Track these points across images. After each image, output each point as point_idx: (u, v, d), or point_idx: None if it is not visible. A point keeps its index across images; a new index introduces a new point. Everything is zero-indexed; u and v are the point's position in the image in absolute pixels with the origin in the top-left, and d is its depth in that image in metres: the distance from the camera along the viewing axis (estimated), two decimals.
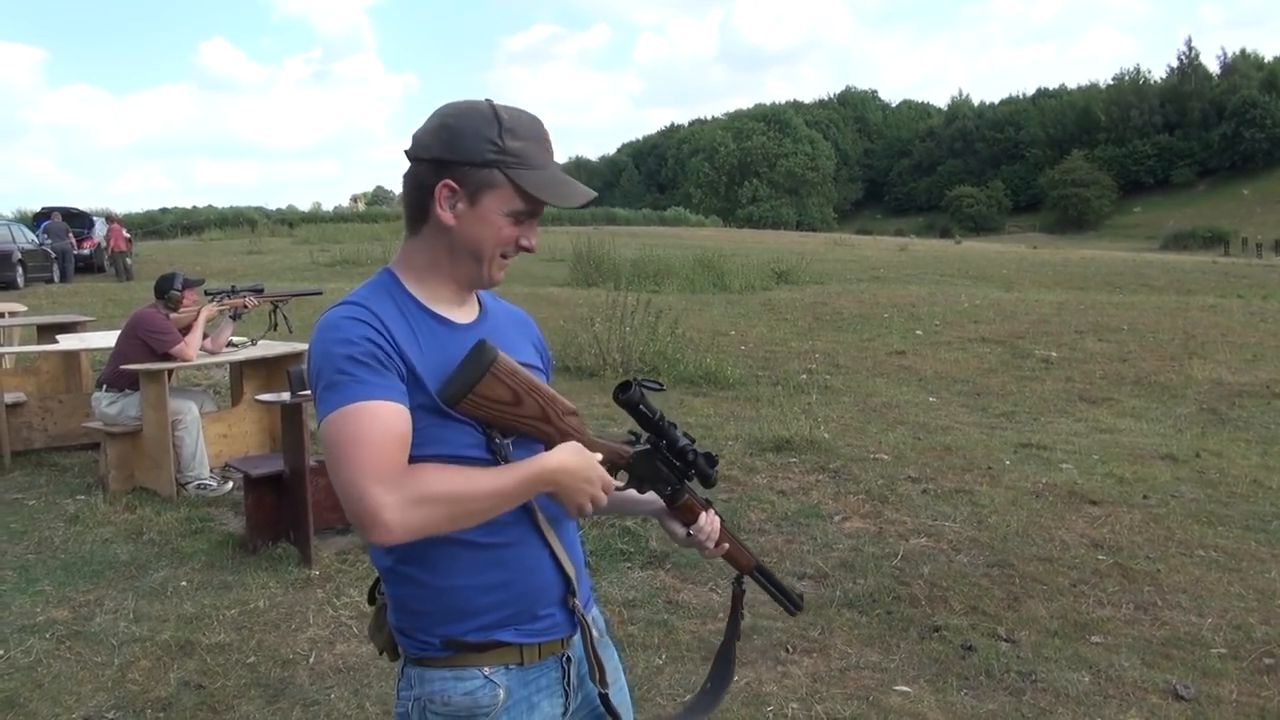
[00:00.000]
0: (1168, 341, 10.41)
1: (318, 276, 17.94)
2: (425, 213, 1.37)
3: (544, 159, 1.38)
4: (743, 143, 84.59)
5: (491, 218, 1.35)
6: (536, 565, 1.40)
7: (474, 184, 1.34)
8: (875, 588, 3.91)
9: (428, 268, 1.39)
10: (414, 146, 1.37)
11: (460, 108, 1.37)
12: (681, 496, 1.54)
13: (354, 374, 1.26)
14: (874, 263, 23.26)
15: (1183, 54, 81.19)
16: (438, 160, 1.34)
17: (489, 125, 1.34)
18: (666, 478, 1.53)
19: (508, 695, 1.38)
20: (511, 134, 1.34)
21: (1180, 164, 73.65)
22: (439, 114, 1.38)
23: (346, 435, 1.23)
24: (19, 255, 18.88)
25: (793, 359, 9.61)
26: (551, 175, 1.38)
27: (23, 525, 4.83)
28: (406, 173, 1.39)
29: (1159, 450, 6.10)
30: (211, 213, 48.86)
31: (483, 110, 1.36)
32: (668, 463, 1.52)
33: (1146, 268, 23.63)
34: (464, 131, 1.34)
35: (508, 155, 1.34)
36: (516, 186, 1.35)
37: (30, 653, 3.43)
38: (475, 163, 1.33)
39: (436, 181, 1.34)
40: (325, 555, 4.31)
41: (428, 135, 1.36)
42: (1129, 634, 3.51)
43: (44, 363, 6.89)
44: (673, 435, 1.51)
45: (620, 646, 3.37)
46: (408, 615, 1.39)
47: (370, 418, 1.24)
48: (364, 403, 1.24)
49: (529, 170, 1.35)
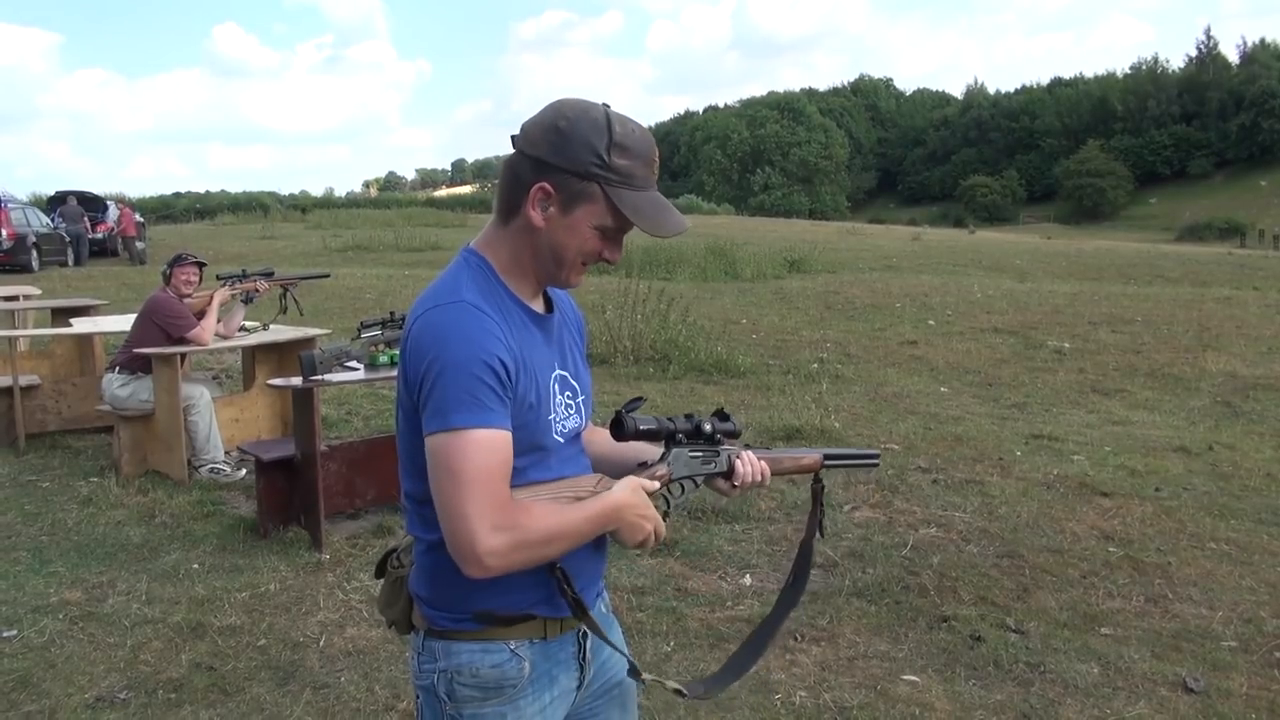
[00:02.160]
0: (1182, 333, 10.35)
1: (330, 262, 17.98)
2: (517, 207, 1.36)
3: (647, 180, 1.36)
4: (756, 130, 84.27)
5: (581, 228, 1.35)
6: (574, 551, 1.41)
7: (570, 193, 1.33)
8: (884, 577, 3.91)
9: (512, 260, 1.39)
10: (522, 138, 1.35)
11: (576, 110, 1.34)
12: (728, 464, 1.58)
13: (481, 399, 1.27)
14: (887, 252, 23.16)
15: (1201, 43, 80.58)
16: (540, 160, 1.33)
17: (599, 135, 1.31)
18: (704, 458, 1.56)
19: (532, 668, 1.40)
20: (620, 150, 1.32)
21: (1197, 155, 73.03)
22: (554, 110, 1.35)
23: (466, 466, 1.25)
24: (34, 239, 19.01)
25: (804, 348, 9.59)
26: (650, 199, 1.36)
27: (36, 507, 4.86)
28: (508, 160, 1.38)
29: (1171, 442, 6.07)
30: (225, 197, 49.10)
31: (596, 118, 1.33)
32: (695, 447, 1.55)
33: (1161, 259, 23.46)
34: (573, 138, 1.31)
35: (611, 172, 1.32)
36: (612, 205, 1.33)
37: (44, 633, 3.46)
38: (576, 172, 1.32)
39: (534, 181, 1.33)
40: (336, 540, 4.34)
41: (537, 131, 1.34)
42: (1139, 626, 3.50)
43: (58, 346, 6.93)
44: (683, 426, 1.53)
45: (629, 634, 3.39)
46: (442, 588, 1.38)
47: (490, 450, 1.26)
48: (486, 431, 1.26)
49: (629, 190, 1.34)
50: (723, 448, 1.58)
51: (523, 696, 1.40)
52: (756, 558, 4.15)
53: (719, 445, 1.58)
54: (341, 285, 12.59)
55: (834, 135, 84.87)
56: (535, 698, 1.41)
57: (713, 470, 1.57)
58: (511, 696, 1.39)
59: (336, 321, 9.36)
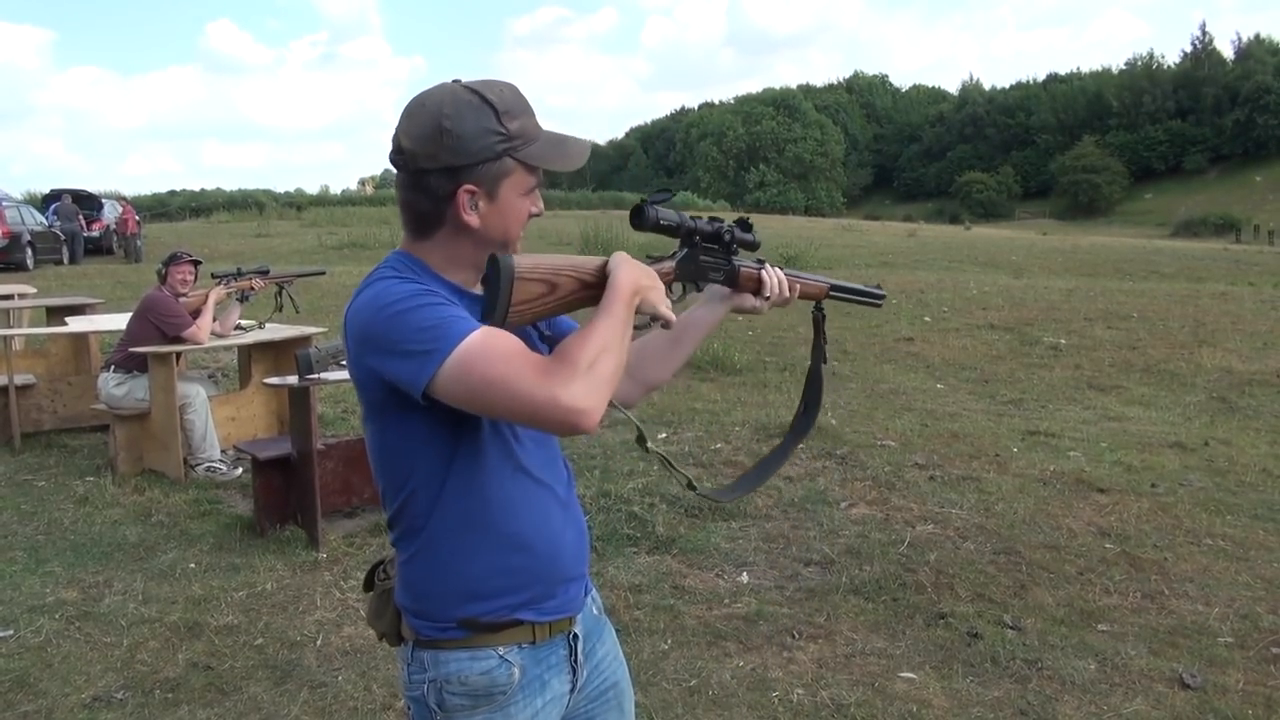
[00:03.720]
0: (1178, 329, 10.36)
1: (325, 259, 17.94)
2: (439, 219, 1.34)
3: (537, 126, 1.36)
4: (751, 127, 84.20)
5: (512, 204, 1.35)
6: (558, 542, 1.42)
7: (491, 179, 1.32)
8: (881, 574, 3.91)
9: (448, 260, 1.37)
10: (413, 157, 1.31)
11: (448, 103, 1.30)
12: (737, 272, 1.57)
13: (452, 312, 1.24)
14: (883, 248, 23.17)
15: (1196, 39, 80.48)
16: (449, 168, 1.30)
17: (486, 115, 1.30)
18: (714, 264, 1.55)
19: (522, 674, 1.39)
20: (508, 114, 1.32)
21: (1192, 150, 73.09)
22: (426, 115, 1.31)
23: (494, 365, 1.20)
24: (28, 237, 18.94)
25: (800, 345, 9.58)
26: (548, 140, 1.37)
27: (32, 506, 4.85)
28: (407, 181, 1.34)
29: (1168, 438, 6.08)
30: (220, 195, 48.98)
31: (470, 100, 1.31)
32: (709, 251, 1.54)
33: (1157, 255, 23.51)
34: (466, 130, 1.29)
35: (514, 139, 1.32)
36: (527, 167, 1.34)
37: (40, 633, 3.46)
38: (489, 159, 1.31)
39: (454, 188, 1.31)
40: (333, 538, 4.33)
41: (425, 143, 1.30)
42: (1135, 622, 3.50)
43: (53, 345, 6.91)
44: (701, 227, 1.52)
45: (626, 631, 3.39)
46: (425, 598, 1.38)
47: (495, 338, 1.23)
48: (476, 331, 1.22)
49: (532, 145, 1.34)
50: (736, 260, 1.57)
51: (513, 703, 1.39)
52: (754, 555, 4.15)
53: (734, 255, 1.56)
54: (337, 283, 12.56)
55: (830, 132, 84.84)
56: (527, 704, 1.40)
57: (719, 279, 1.55)
58: (502, 704, 1.38)
59: (333, 320, 9.34)
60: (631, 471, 5.17)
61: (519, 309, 1.29)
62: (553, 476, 1.45)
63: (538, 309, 1.32)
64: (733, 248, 1.56)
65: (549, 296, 1.32)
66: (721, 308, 1.63)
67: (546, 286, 1.31)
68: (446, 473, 1.34)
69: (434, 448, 1.33)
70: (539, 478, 1.41)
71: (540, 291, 1.31)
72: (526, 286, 1.29)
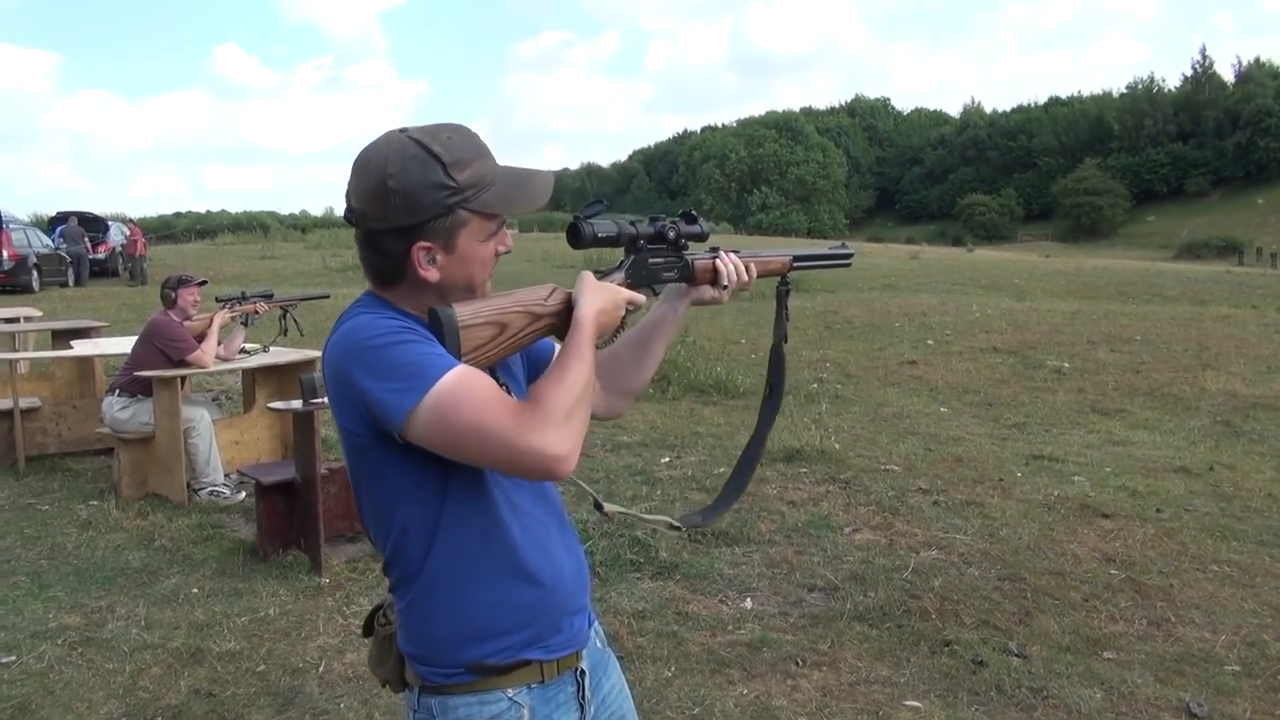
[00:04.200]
0: (1181, 352, 10.35)
1: (330, 281, 18.00)
2: (400, 274, 1.32)
3: (492, 169, 1.32)
4: (754, 150, 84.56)
5: (472, 252, 1.32)
6: (558, 575, 1.41)
7: (445, 234, 1.29)
8: (886, 601, 3.90)
9: (416, 307, 1.34)
10: (365, 218, 1.29)
11: (392, 160, 1.26)
12: (690, 267, 1.55)
13: (430, 349, 1.23)
14: (885, 271, 23.20)
15: (1197, 62, 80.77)
16: (399, 228, 1.28)
17: (433, 169, 1.26)
18: (666, 264, 1.53)
19: (531, 714, 1.37)
20: (457, 164, 1.28)
21: (1194, 173, 73.22)
22: (371, 173, 1.27)
23: (470, 409, 1.19)
24: (34, 259, 19.03)
25: (803, 368, 9.60)
26: (506, 180, 1.33)
27: (36, 531, 4.85)
28: (362, 238, 1.32)
29: (1172, 463, 6.07)
30: (225, 217, 49.21)
31: (415, 154, 1.26)
32: (657, 252, 1.52)
33: (1160, 277, 23.51)
34: (412, 189, 1.26)
35: (464, 190, 1.28)
36: (483, 214, 1.31)
37: (42, 659, 3.45)
38: (439, 214, 1.28)
39: (408, 247, 1.29)
40: (335, 563, 4.33)
41: (373, 203, 1.27)
42: (1142, 650, 3.49)
43: (58, 368, 6.93)
44: (644, 230, 1.50)
45: (629, 659, 3.38)
46: (428, 642, 1.36)
47: (472, 381, 1.22)
48: (456, 370, 1.21)
49: (487, 190, 1.30)
50: (688, 254, 1.55)
51: None
52: (757, 581, 4.14)
53: (684, 250, 1.54)
54: (341, 306, 12.42)
55: (832, 154, 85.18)
56: None
57: (674, 277, 1.54)
58: None
59: None
60: (635, 496, 5.16)
61: (472, 356, 1.28)
62: (546, 509, 1.44)
63: (492, 352, 1.31)
64: (681, 243, 1.54)
65: (501, 337, 1.31)
66: (682, 303, 1.61)
67: (495, 328, 1.30)
68: (439, 514, 1.32)
69: (425, 490, 1.31)
70: (532, 511, 1.40)
71: (490, 335, 1.30)
72: (473, 333, 1.28)
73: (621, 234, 1.46)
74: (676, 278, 1.55)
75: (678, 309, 1.61)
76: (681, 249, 1.54)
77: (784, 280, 1.70)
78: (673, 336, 1.64)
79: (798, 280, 9.66)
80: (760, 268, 1.64)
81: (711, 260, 1.58)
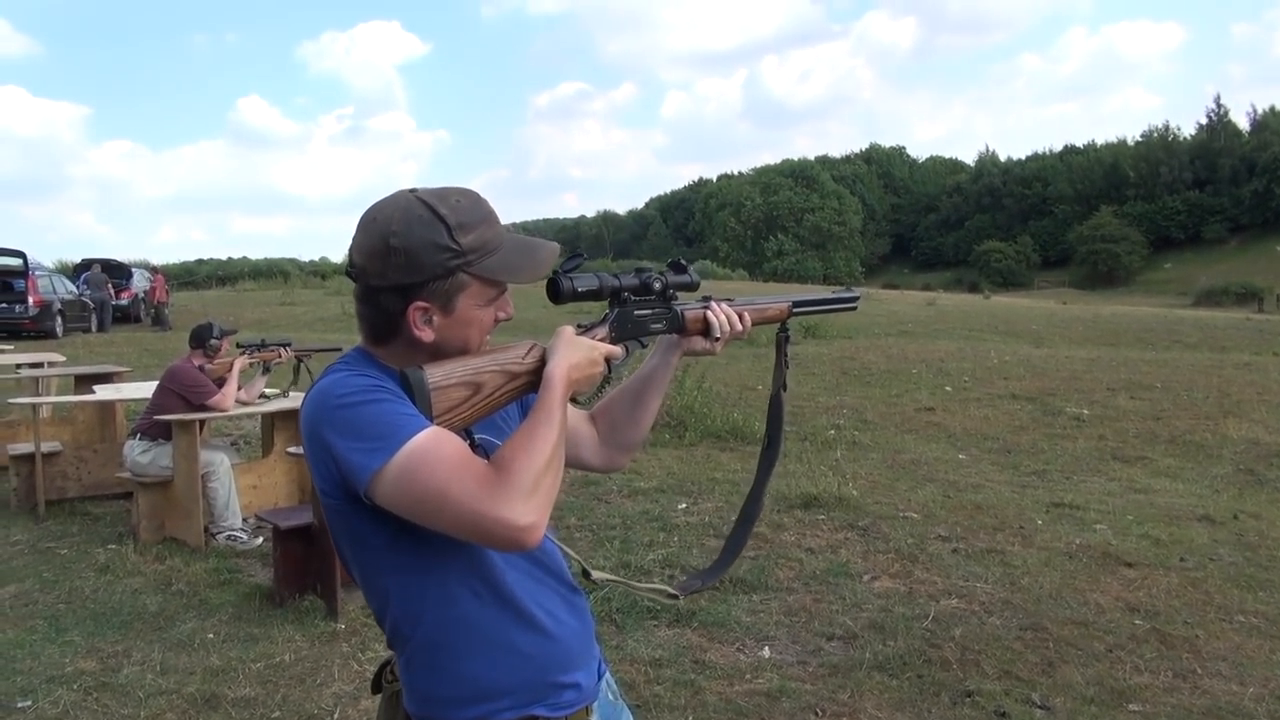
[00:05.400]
0: (1202, 400, 10.27)
1: (348, 328, 18.14)
2: (396, 332, 1.32)
3: (498, 235, 1.31)
4: (769, 197, 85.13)
5: (470, 315, 1.32)
6: (560, 630, 1.38)
7: (445, 295, 1.29)
8: (906, 650, 3.84)
9: (409, 364, 1.31)
10: (365, 274, 1.29)
11: (397, 219, 1.27)
12: (680, 318, 1.52)
13: (401, 409, 1.21)
14: (902, 317, 23.19)
15: (1212, 111, 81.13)
16: (398, 286, 1.28)
17: (437, 231, 1.26)
18: (654, 315, 1.50)
19: None
20: (461, 229, 1.27)
21: (1211, 220, 73.16)
22: (375, 231, 1.28)
23: (437, 474, 1.17)
24: (59, 305, 19.30)
25: (820, 414, 9.57)
26: (511, 247, 1.32)
27: (54, 574, 4.87)
28: (360, 294, 1.32)
29: (1195, 511, 5.99)
30: (246, 264, 49.65)
31: (421, 215, 1.27)
32: (643, 304, 1.49)
33: (1179, 324, 23.39)
34: (414, 249, 1.25)
35: (467, 254, 1.28)
36: (485, 280, 1.31)
37: (58, 704, 3.44)
38: (439, 276, 1.27)
39: (405, 306, 1.28)
40: (351, 608, 4.31)
41: (374, 260, 1.28)
42: (1168, 702, 3.42)
43: (80, 412, 7.00)
44: (627, 282, 1.47)
45: (646, 708, 3.34)
46: (431, 704, 1.34)
47: (442, 442, 1.20)
48: (425, 432, 1.19)
49: (491, 256, 1.30)
50: (676, 304, 1.51)
51: None
52: (775, 629, 4.09)
53: (672, 301, 1.50)
54: None
55: (847, 201, 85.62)
56: None
57: (662, 329, 1.49)
58: None
59: None
60: (652, 543, 5.14)
61: (445, 418, 1.26)
62: (542, 563, 1.40)
63: (467, 413, 1.29)
64: (669, 293, 1.51)
65: (476, 398, 1.29)
66: (673, 355, 1.59)
67: (469, 389, 1.28)
68: (425, 579, 1.30)
69: (405, 554, 1.29)
70: (525, 565, 1.37)
71: (464, 395, 1.28)
72: (446, 395, 1.26)
73: (603, 287, 1.43)
74: (665, 329, 1.51)
75: (670, 361, 1.59)
76: (670, 299, 1.51)
77: (783, 327, 1.67)
78: (665, 387, 1.61)
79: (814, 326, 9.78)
80: (756, 316, 1.61)
81: (702, 311, 1.55)
